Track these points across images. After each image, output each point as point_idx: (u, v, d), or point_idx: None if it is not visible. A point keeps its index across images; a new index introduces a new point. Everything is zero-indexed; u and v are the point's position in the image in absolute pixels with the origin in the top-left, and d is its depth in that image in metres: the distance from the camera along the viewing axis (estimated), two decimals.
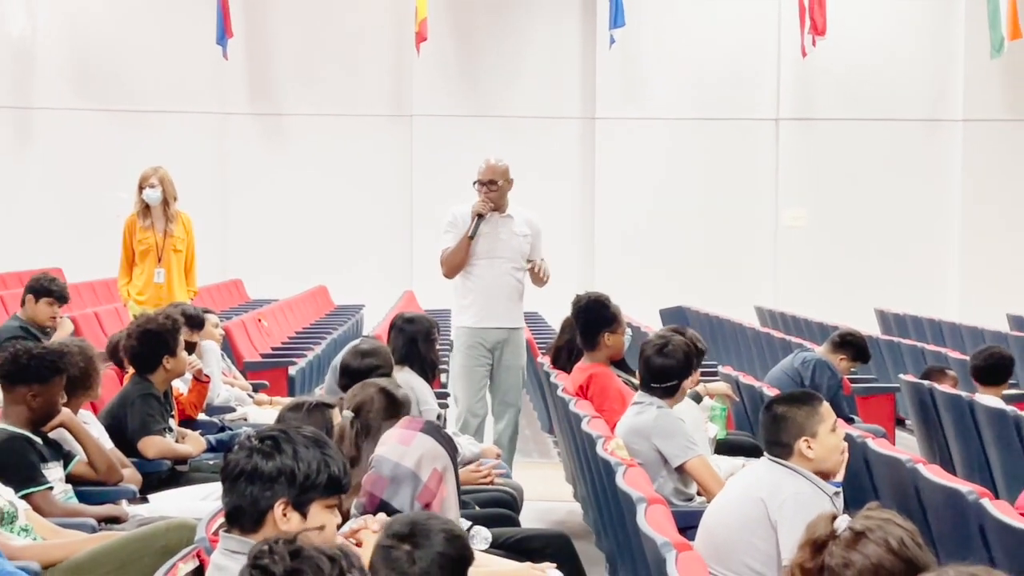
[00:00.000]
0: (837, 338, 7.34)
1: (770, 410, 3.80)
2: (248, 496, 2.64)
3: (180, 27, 15.84)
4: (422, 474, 3.15)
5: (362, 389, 3.91)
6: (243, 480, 2.65)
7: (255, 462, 2.64)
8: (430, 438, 3.24)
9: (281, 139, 16.23)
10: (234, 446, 2.77)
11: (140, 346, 5.31)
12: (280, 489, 2.63)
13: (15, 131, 16.00)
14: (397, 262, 16.00)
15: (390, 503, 3.14)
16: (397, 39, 15.98)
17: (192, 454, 5.27)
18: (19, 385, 4.31)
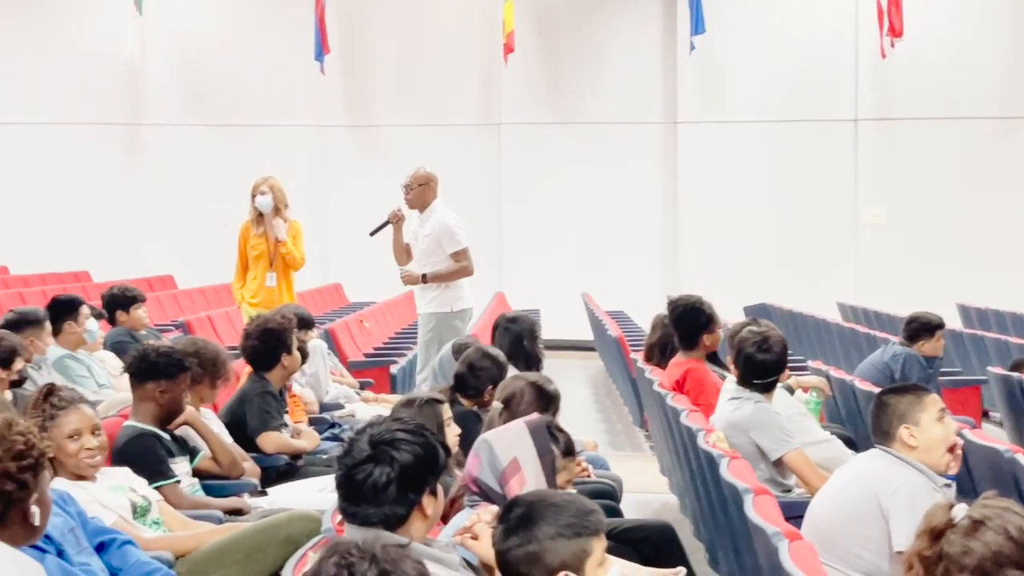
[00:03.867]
0: (906, 332, 7.46)
1: (877, 399, 3.82)
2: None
3: (280, 45, 16.50)
4: (502, 459, 3.13)
5: (513, 381, 4.06)
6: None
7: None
8: (525, 429, 3.21)
9: (376, 149, 16.78)
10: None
11: (261, 344, 5.45)
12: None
13: (127, 146, 16.79)
14: (487, 265, 16.40)
15: (480, 479, 3.16)
16: (486, 51, 16.47)
17: (308, 449, 5.35)
18: (148, 381, 4.45)
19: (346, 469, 2.71)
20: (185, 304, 12.74)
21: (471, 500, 3.25)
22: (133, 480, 4.06)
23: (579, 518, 2.55)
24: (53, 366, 6.25)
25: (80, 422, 3.80)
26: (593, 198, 16.30)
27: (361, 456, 2.70)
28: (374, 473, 2.68)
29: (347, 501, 2.72)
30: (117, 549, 3.47)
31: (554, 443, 3.23)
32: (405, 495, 2.69)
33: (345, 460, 2.73)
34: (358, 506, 2.69)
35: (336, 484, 2.76)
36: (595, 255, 16.21)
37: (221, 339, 9.89)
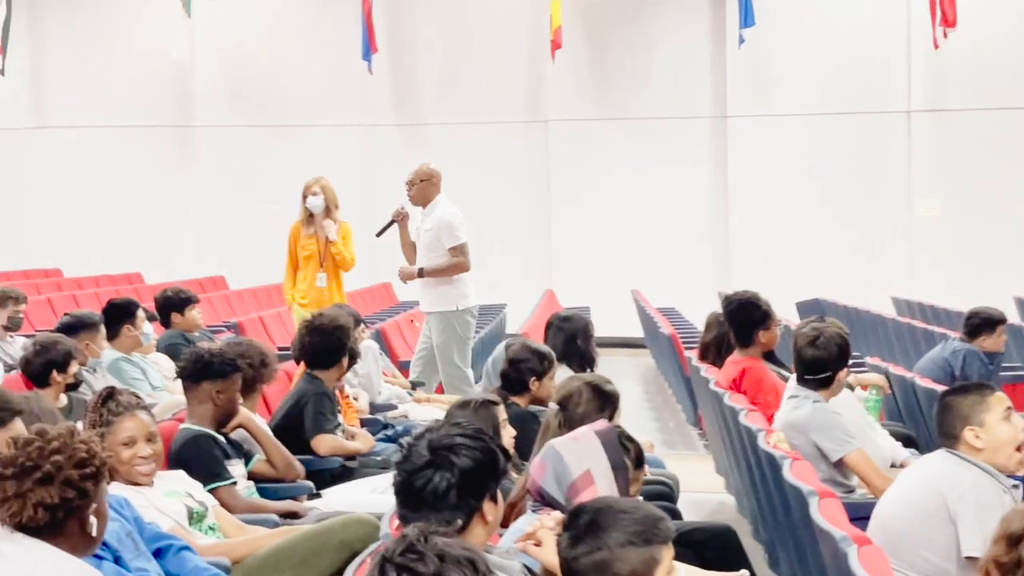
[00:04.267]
0: (966, 328, 7.34)
1: (940, 400, 3.77)
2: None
3: (327, 45, 16.56)
4: (573, 470, 3.06)
5: (569, 382, 3.98)
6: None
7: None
8: (598, 441, 3.13)
9: (424, 147, 16.75)
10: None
11: (323, 342, 5.42)
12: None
13: (177, 149, 16.93)
14: (536, 262, 16.45)
15: (544, 488, 3.10)
16: (533, 48, 16.44)
17: (362, 451, 5.32)
18: (204, 381, 4.47)
19: (406, 475, 2.69)
20: (236, 305, 12.81)
21: (534, 506, 3.20)
22: (189, 484, 4.05)
23: (648, 526, 2.51)
24: (108, 369, 6.28)
25: (135, 429, 3.79)
26: (642, 194, 16.21)
27: (421, 462, 2.68)
28: (434, 479, 2.65)
29: (406, 507, 2.70)
30: (174, 555, 3.46)
31: (626, 455, 3.17)
32: (466, 501, 2.67)
33: (404, 466, 2.70)
34: (418, 512, 2.66)
35: (395, 490, 2.73)
36: (644, 251, 16.12)
37: (272, 340, 9.94)
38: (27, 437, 2.60)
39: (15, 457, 2.55)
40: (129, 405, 3.82)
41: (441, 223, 7.88)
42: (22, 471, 2.53)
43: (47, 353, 5.25)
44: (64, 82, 16.93)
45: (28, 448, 2.56)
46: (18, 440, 2.60)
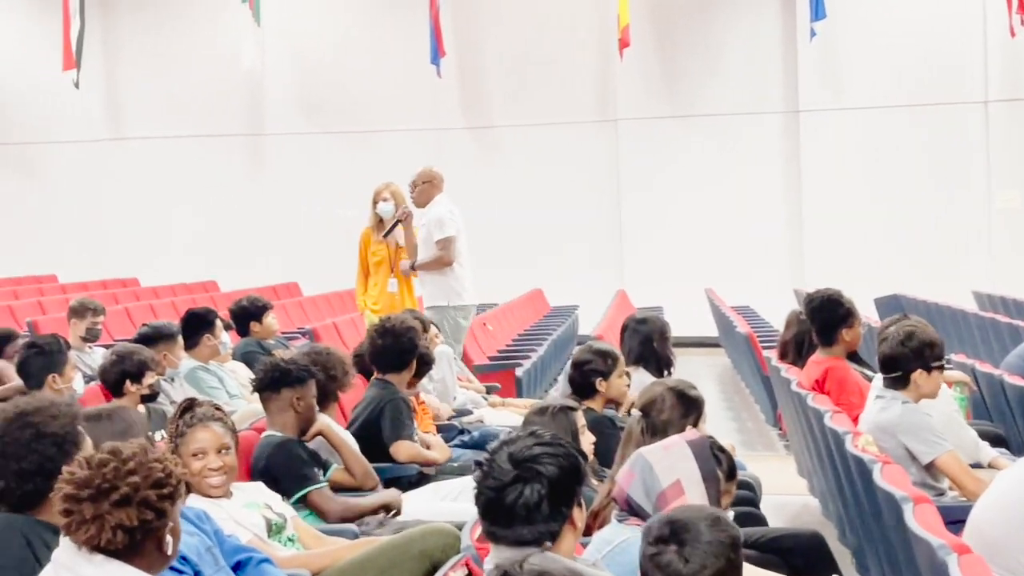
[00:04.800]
0: None
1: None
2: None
3: (396, 50, 16.62)
4: (663, 480, 3.02)
5: (652, 387, 3.92)
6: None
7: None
8: (689, 450, 3.08)
9: (493, 150, 16.78)
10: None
11: (394, 344, 5.41)
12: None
13: (250, 157, 17.09)
14: (608, 263, 16.35)
15: (632, 497, 3.06)
16: (601, 47, 16.35)
17: (439, 462, 5.27)
18: (283, 389, 4.48)
19: (494, 492, 2.65)
20: (311, 311, 12.87)
21: (620, 515, 3.16)
22: (268, 496, 4.03)
23: (732, 547, 2.49)
24: (185, 379, 6.31)
25: (206, 441, 3.78)
26: (714, 191, 16.05)
27: (507, 477, 2.65)
28: (524, 492, 2.62)
29: (496, 524, 2.66)
30: (254, 568, 3.44)
31: (718, 466, 3.10)
32: (558, 510, 2.64)
33: (488, 483, 2.67)
34: (509, 527, 2.63)
35: (481, 509, 2.69)
36: (717, 250, 15.95)
37: (347, 346, 9.93)
38: (101, 457, 2.54)
39: (91, 478, 2.51)
40: (203, 416, 3.80)
41: (431, 219, 8.12)
42: (99, 493, 2.49)
43: (121, 363, 5.28)
44: (138, 94, 17.17)
45: (103, 469, 2.52)
46: (91, 460, 2.55)
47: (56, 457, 2.90)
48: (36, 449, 2.91)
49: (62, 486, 2.52)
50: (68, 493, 2.50)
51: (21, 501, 2.92)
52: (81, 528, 2.48)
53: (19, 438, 2.92)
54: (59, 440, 2.95)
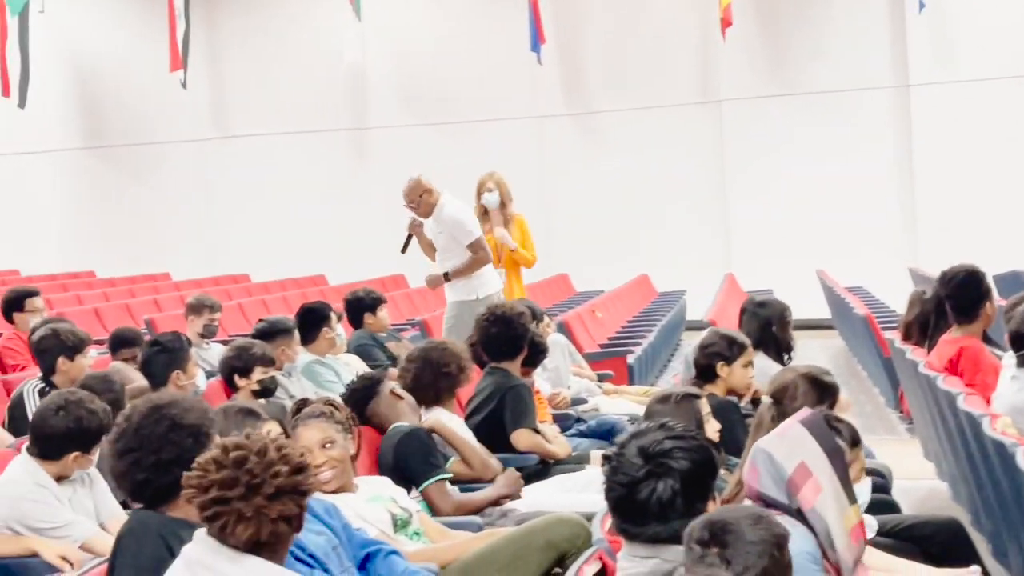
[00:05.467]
0: None
1: None
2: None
3: (496, 40, 16.61)
4: (786, 466, 2.88)
5: (783, 374, 3.83)
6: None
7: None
8: (804, 430, 2.95)
9: (595, 136, 16.69)
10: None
11: (506, 331, 5.37)
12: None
13: (353, 151, 17.25)
14: (714, 246, 16.16)
15: (763, 491, 2.92)
16: (702, 27, 16.15)
17: (559, 456, 5.20)
18: (370, 402, 4.56)
19: (625, 489, 2.57)
20: (419, 303, 12.93)
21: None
22: (393, 490, 4.01)
23: (776, 546, 2.33)
24: (302, 372, 6.36)
25: (309, 438, 3.78)
26: (822, 171, 15.73)
27: (638, 473, 2.57)
28: (658, 488, 2.55)
29: (628, 521, 2.59)
30: (383, 560, 3.43)
31: (838, 436, 2.97)
32: (693, 505, 2.56)
33: (618, 479, 2.59)
34: (643, 525, 2.56)
35: (612, 505, 2.63)
36: (827, 230, 15.64)
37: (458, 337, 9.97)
38: (236, 455, 2.51)
39: (235, 477, 2.48)
40: (307, 415, 3.81)
41: (453, 223, 7.88)
42: (249, 489, 2.47)
43: (231, 359, 5.37)
44: (242, 92, 17.44)
45: (246, 465, 2.49)
46: (225, 458, 2.52)
47: (192, 448, 2.92)
48: (173, 440, 2.94)
49: (201, 490, 2.49)
50: (216, 496, 2.47)
51: (157, 495, 2.94)
52: (240, 525, 2.46)
53: (156, 430, 2.95)
54: (195, 431, 2.99)
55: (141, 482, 2.93)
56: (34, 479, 3.98)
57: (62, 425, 3.95)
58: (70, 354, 5.60)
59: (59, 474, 4.04)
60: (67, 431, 3.95)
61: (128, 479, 2.95)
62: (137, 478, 2.93)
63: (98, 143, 17.87)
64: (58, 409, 3.98)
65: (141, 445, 2.93)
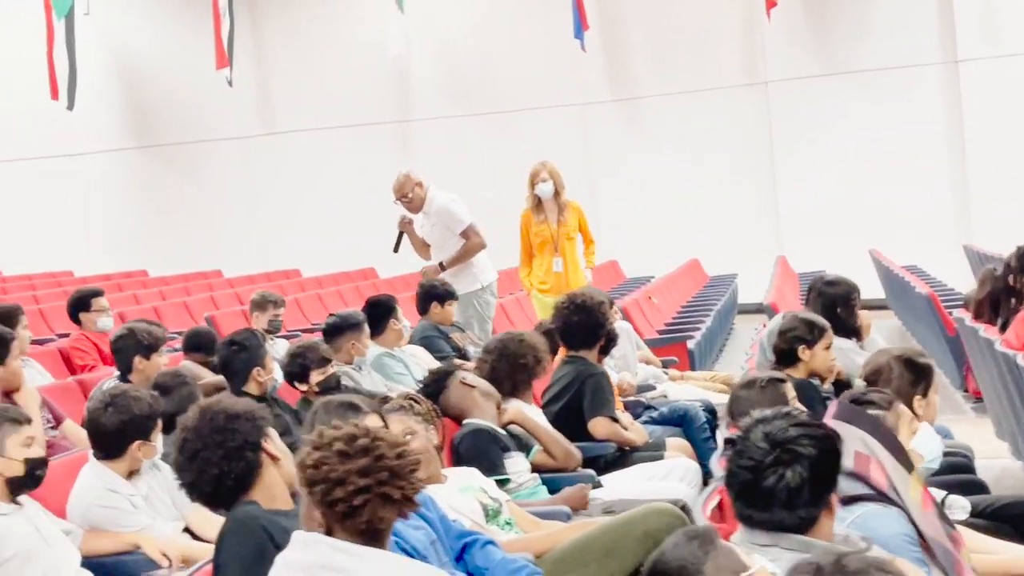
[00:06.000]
0: None
1: None
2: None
3: (538, 27, 16.57)
4: (846, 462, 2.84)
5: (877, 356, 3.80)
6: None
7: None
8: (838, 422, 2.93)
9: (641, 121, 16.62)
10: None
11: (587, 319, 5.34)
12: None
13: (398, 143, 17.28)
14: (764, 229, 16.06)
15: (844, 493, 2.88)
16: (746, 8, 16.04)
17: (637, 444, 5.20)
18: (440, 396, 4.53)
19: (750, 474, 2.54)
20: None
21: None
22: (482, 480, 4.01)
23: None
24: (372, 365, 6.39)
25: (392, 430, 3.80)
26: (871, 149, 15.58)
27: (765, 458, 2.53)
28: (786, 475, 2.50)
29: (752, 507, 2.55)
30: (480, 549, 3.44)
31: (875, 409, 2.98)
32: (819, 495, 2.52)
33: (743, 463, 2.55)
34: (767, 511, 2.52)
35: (735, 490, 2.60)
36: (879, 209, 15.49)
37: (514, 325, 9.98)
38: (363, 442, 2.53)
39: (367, 465, 2.49)
40: (388, 409, 3.82)
41: (443, 213, 8.12)
42: (395, 474, 2.51)
43: (289, 365, 5.48)
44: (288, 88, 17.51)
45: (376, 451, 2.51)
46: (350, 448, 2.52)
47: (252, 432, 3.00)
48: (232, 428, 2.99)
49: (332, 480, 2.49)
50: (358, 486, 2.48)
51: (238, 483, 2.98)
52: (387, 507, 2.50)
53: (213, 424, 3.00)
54: (249, 415, 3.04)
55: (217, 476, 2.97)
56: (104, 484, 4.05)
57: (115, 420, 4.05)
58: (146, 353, 5.69)
59: (129, 469, 4.11)
60: (121, 425, 4.05)
61: (204, 478, 2.99)
62: (212, 473, 2.97)
63: (146, 143, 18.01)
64: (106, 407, 4.08)
65: (205, 444, 2.98)
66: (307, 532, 2.55)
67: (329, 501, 2.49)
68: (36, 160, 17.95)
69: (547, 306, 8.56)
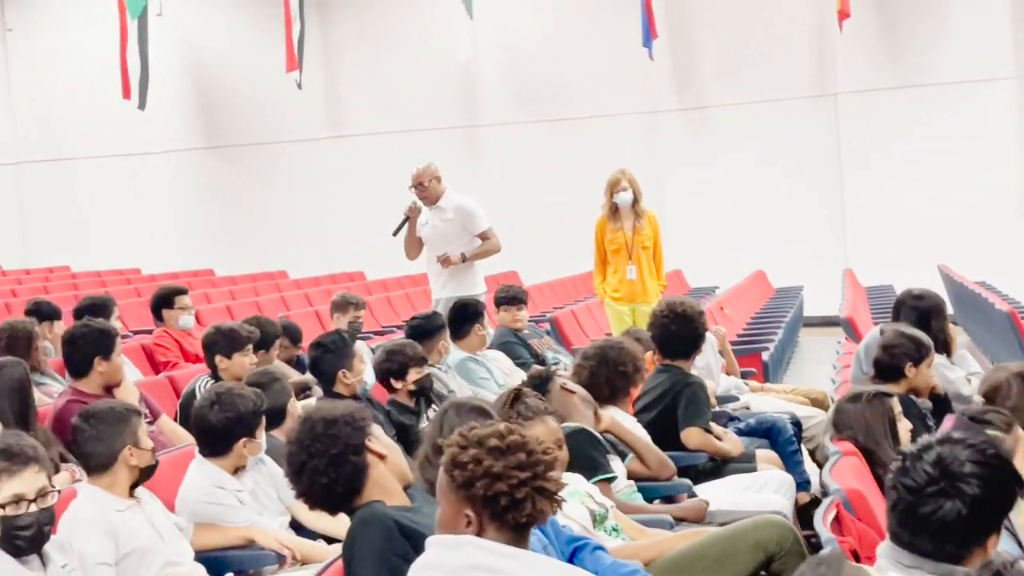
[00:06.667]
0: None
1: None
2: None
3: (607, 34, 16.55)
4: None
5: (995, 372, 3.77)
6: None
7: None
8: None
9: (707, 131, 16.55)
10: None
11: (686, 329, 5.34)
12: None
13: (465, 149, 17.31)
14: (830, 241, 15.93)
15: None
16: (817, 19, 15.92)
17: (731, 454, 5.16)
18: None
19: (909, 495, 2.47)
20: (538, 300, 12.93)
21: None
22: (587, 486, 3.99)
23: None
24: (456, 369, 6.40)
25: (546, 435, 3.69)
26: (943, 164, 15.41)
27: (927, 485, 2.44)
28: (944, 507, 2.42)
29: (904, 527, 2.49)
30: (590, 554, 3.42)
31: (993, 430, 2.95)
32: (975, 536, 2.44)
33: (905, 482, 2.48)
34: (917, 536, 2.46)
35: (890, 504, 2.55)
36: (949, 225, 15.31)
37: (586, 333, 9.97)
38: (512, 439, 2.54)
39: (522, 461, 2.51)
40: (538, 411, 3.79)
41: (464, 212, 8.17)
42: (545, 466, 2.53)
43: (386, 362, 5.48)
44: (356, 91, 17.61)
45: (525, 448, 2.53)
46: (505, 445, 2.53)
47: (354, 435, 3.03)
48: (333, 434, 3.02)
49: (490, 476, 2.51)
50: (520, 479, 2.49)
51: (348, 487, 3.00)
52: (545, 501, 2.52)
53: (315, 432, 3.03)
54: (349, 420, 3.06)
55: (327, 484, 3.00)
56: (212, 481, 4.09)
57: (222, 417, 4.09)
58: (227, 352, 5.75)
59: (235, 466, 4.15)
60: (227, 422, 4.09)
61: (316, 489, 3.02)
62: (322, 482, 3.00)
63: (215, 143, 18.18)
64: (212, 404, 4.13)
65: (309, 454, 3.01)
66: (448, 535, 2.55)
67: (491, 496, 2.49)
68: (106, 159, 18.18)
69: (620, 314, 8.56)
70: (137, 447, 3.71)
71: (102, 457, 3.67)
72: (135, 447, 3.70)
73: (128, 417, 3.72)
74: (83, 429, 3.70)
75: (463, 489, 2.52)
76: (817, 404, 7.01)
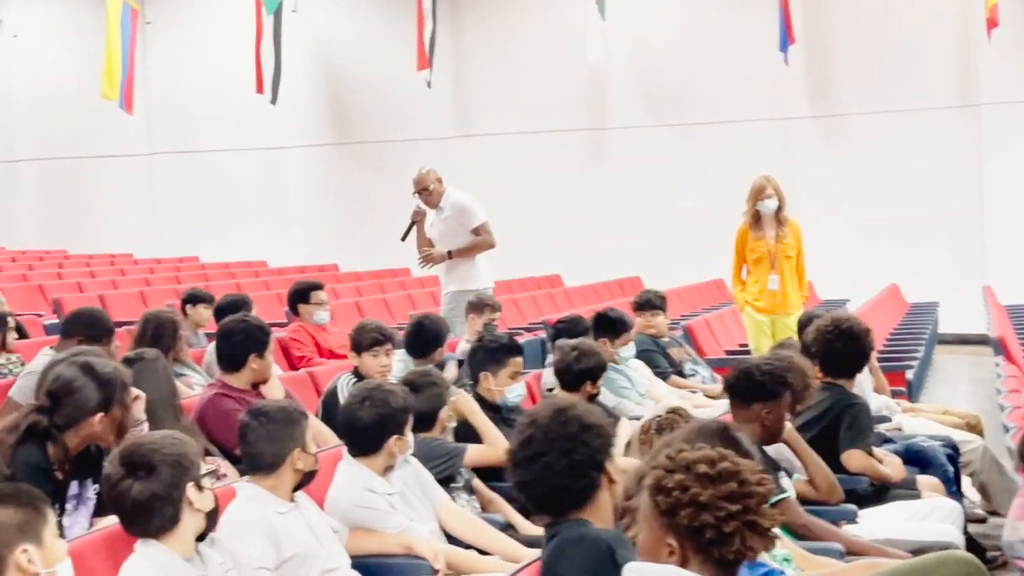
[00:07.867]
0: None
1: None
2: None
3: (740, 40, 16.26)
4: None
5: None
6: None
7: None
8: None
9: (841, 139, 16.16)
10: None
11: (853, 348, 5.17)
12: None
13: (591, 151, 17.18)
14: (968, 257, 15.42)
15: None
16: (963, 27, 15.42)
17: (892, 479, 4.96)
18: (755, 403, 4.29)
19: None
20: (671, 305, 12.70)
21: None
22: None
23: None
24: None
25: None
26: None
27: None
28: None
29: None
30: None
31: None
32: None
33: None
34: None
35: None
36: None
37: (719, 343, 9.76)
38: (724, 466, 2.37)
39: (731, 492, 2.35)
40: (659, 428, 3.67)
41: (459, 208, 8.38)
42: (762, 500, 2.38)
43: (578, 362, 5.34)
44: (485, 91, 17.58)
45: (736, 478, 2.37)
46: (717, 469, 2.38)
47: (602, 449, 2.86)
48: (584, 440, 2.84)
49: (703, 506, 2.35)
50: (729, 511, 2.33)
51: (574, 500, 2.82)
52: (755, 537, 2.36)
53: (566, 431, 2.85)
54: (600, 431, 2.89)
55: (556, 488, 2.82)
56: (363, 484, 4.00)
57: (373, 414, 4.01)
58: (358, 351, 5.79)
59: (384, 465, 4.06)
60: (379, 418, 4.02)
61: (540, 486, 2.84)
62: (552, 484, 2.81)
63: (343, 140, 18.32)
64: (363, 401, 4.05)
65: (550, 448, 2.83)
66: (649, 563, 2.40)
67: (695, 527, 2.33)
68: (237, 152, 18.45)
69: (759, 324, 8.32)
70: (304, 450, 3.63)
71: (270, 457, 3.59)
72: (303, 450, 3.63)
73: (298, 419, 3.65)
74: (253, 427, 3.62)
75: (666, 516, 2.36)
76: (971, 429, 6.73)
